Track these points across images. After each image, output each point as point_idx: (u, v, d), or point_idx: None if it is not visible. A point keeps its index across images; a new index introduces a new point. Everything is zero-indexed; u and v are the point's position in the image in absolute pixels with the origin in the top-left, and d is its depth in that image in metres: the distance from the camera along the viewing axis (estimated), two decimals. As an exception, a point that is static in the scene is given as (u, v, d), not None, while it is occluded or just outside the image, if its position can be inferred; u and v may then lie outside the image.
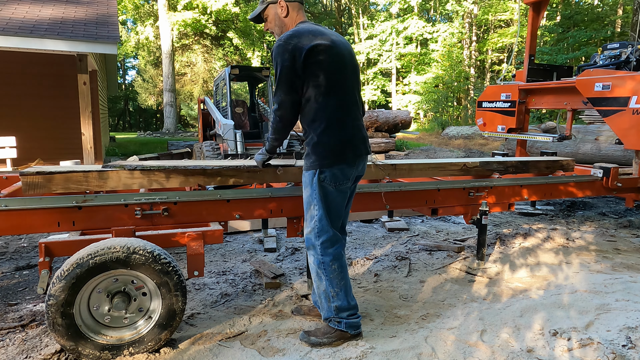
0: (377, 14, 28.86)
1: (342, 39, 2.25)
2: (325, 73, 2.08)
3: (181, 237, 2.34)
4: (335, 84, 2.12)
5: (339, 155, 2.13)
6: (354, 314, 2.24)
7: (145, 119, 37.26)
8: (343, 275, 2.22)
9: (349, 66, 2.20)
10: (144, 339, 2.09)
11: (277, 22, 2.27)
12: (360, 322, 2.26)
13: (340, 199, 2.20)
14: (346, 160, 2.15)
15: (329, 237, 2.17)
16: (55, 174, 2.40)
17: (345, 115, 2.17)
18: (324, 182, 2.13)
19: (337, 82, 2.13)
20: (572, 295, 2.58)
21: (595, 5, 22.11)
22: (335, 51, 2.13)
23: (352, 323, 2.22)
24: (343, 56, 2.17)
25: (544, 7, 5.32)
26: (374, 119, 13.02)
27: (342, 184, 2.17)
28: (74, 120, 7.64)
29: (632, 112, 3.73)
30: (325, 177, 2.12)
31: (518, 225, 4.68)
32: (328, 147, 2.12)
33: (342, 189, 2.19)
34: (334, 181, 2.14)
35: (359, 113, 2.26)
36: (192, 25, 20.68)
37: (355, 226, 4.73)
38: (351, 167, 2.18)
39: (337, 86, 2.13)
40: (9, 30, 6.51)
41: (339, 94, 2.14)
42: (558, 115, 9.98)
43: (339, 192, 2.18)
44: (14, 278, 3.20)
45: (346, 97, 2.17)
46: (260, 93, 10.43)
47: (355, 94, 2.25)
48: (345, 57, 2.19)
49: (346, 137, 2.16)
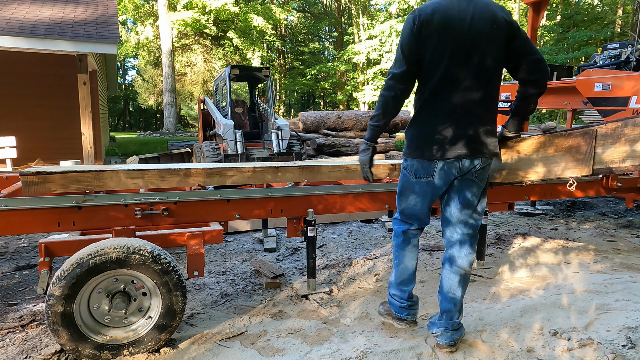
0: (377, 13, 28.85)
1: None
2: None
3: (181, 237, 2.34)
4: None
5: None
6: (402, 299, 2.25)
7: (145, 119, 37.27)
8: (399, 258, 2.24)
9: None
10: (144, 339, 2.09)
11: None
12: (404, 309, 2.26)
13: (418, 189, 2.13)
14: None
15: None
16: (55, 174, 2.40)
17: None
18: (405, 170, 2.16)
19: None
20: (572, 295, 2.58)
21: (595, 5, 22.11)
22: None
23: (395, 304, 2.28)
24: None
25: (544, 7, 5.33)
26: (374, 119, 13.00)
27: (421, 177, 2.10)
28: (74, 120, 7.64)
29: (632, 112, 3.73)
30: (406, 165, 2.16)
31: (518, 225, 4.68)
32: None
33: (421, 182, 2.11)
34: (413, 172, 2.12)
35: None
36: (192, 25, 20.68)
37: (355, 226, 4.73)
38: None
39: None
40: (9, 30, 6.51)
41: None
42: (558, 115, 9.97)
43: (417, 183, 2.12)
44: (14, 278, 3.20)
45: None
46: (260, 93, 10.43)
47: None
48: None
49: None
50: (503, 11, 1.96)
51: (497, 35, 1.93)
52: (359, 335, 2.31)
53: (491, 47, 1.94)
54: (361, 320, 2.50)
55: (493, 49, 1.94)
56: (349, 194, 2.87)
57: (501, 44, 1.95)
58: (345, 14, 33.50)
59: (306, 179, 3.02)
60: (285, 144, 8.08)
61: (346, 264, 3.44)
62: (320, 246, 3.97)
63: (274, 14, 23.64)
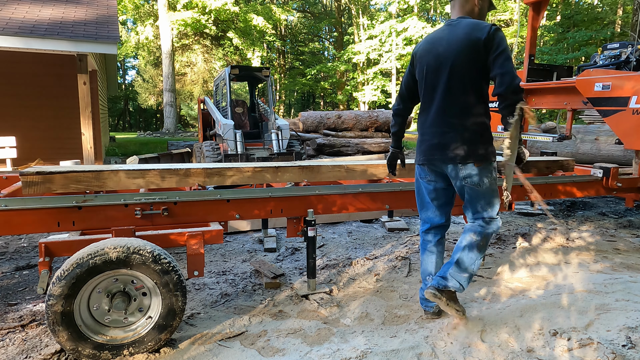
0: (377, 13, 28.85)
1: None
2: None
3: (181, 237, 2.34)
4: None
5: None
6: (422, 292, 2.49)
7: (145, 119, 37.27)
8: (421, 258, 2.56)
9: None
10: (144, 339, 2.09)
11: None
12: (423, 297, 2.48)
13: (418, 188, 2.56)
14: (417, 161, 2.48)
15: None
16: (55, 174, 2.40)
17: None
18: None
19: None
20: (572, 295, 2.58)
21: (595, 5, 22.11)
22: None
23: (420, 296, 2.53)
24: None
25: (544, 7, 5.31)
26: (374, 119, 13.02)
27: (420, 177, 2.51)
28: (74, 120, 7.64)
29: (632, 112, 3.72)
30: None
31: (518, 225, 4.68)
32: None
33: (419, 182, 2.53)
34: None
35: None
36: (192, 25, 20.69)
37: (355, 226, 4.73)
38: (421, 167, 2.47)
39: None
40: (9, 30, 6.51)
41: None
42: (558, 115, 9.98)
43: (417, 183, 2.55)
44: (14, 278, 3.20)
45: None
46: (260, 93, 10.43)
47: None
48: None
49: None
50: (479, 31, 2.15)
51: (468, 52, 2.17)
52: (359, 335, 2.31)
53: (463, 64, 2.19)
54: (361, 320, 2.50)
55: (465, 65, 2.19)
56: (349, 194, 2.87)
57: (474, 59, 2.17)
58: (345, 14, 33.50)
59: (306, 179, 3.02)
60: (285, 144, 8.08)
61: (346, 264, 3.44)
62: (320, 246, 3.97)
63: (274, 14, 23.64)
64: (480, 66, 2.18)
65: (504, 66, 2.10)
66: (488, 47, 2.13)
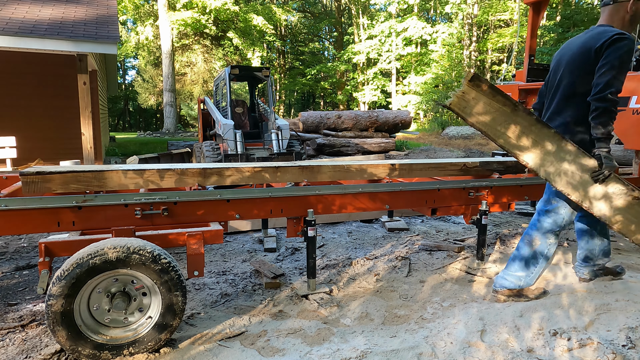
0: (377, 13, 28.85)
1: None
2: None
3: (181, 237, 2.34)
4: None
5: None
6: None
7: (145, 119, 37.28)
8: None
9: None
10: (143, 339, 2.09)
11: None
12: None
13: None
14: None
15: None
16: (55, 174, 2.40)
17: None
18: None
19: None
20: (572, 295, 2.58)
21: (595, 5, 22.11)
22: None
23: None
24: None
25: (544, 7, 5.32)
26: (374, 119, 13.03)
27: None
28: (74, 120, 7.64)
29: (632, 112, 3.72)
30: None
31: (518, 225, 4.68)
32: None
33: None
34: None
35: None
36: (192, 25, 20.68)
37: (355, 226, 4.73)
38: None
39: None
40: (9, 30, 6.51)
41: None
42: (558, 115, 9.91)
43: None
44: (14, 278, 3.20)
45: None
46: (260, 93, 10.43)
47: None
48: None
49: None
50: (598, 39, 2.25)
51: (579, 59, 2.33)
52: (359, 335, 2.31)
53: (573, 70, 2.36)
54: (361, 320, 2.50)
55: (574, 72, 2.35)
56: (349, 194, 2.87)
57: (582, 67, 2.32)
58: (345, 14, 33.51)
59: (306, 179, 3.02)
60: (285, 144, 8.08)
61: (346, 264, 3.44)
62: (320, 246, 3.98)
63: (274, 14, 23.64)
64: (589, 73, 2.29)
65: (602, 76, 2.20)
66: (598, 56, 2.24)
